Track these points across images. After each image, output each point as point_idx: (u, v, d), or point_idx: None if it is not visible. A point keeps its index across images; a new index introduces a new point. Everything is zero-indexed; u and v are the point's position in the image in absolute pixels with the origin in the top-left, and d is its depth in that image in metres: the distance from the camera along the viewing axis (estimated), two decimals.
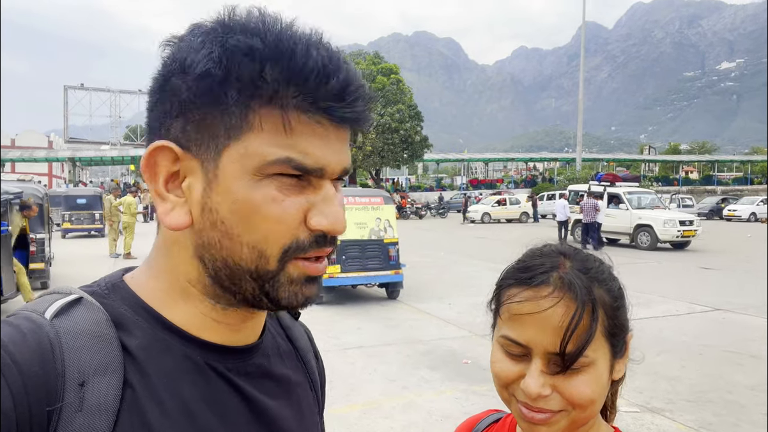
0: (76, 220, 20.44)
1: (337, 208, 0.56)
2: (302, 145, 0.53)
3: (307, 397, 0.71)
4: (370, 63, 39.43)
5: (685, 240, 16.90)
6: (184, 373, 0.56)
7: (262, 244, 0.54)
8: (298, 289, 0.56)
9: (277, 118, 0.52)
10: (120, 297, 0.58)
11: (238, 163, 0.53)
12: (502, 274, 0.81)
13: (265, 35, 0.52)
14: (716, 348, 6.34)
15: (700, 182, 59.13)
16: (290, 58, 0.51)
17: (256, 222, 0.53)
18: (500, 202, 31.68)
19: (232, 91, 0.52)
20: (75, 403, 0.49)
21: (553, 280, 0.73)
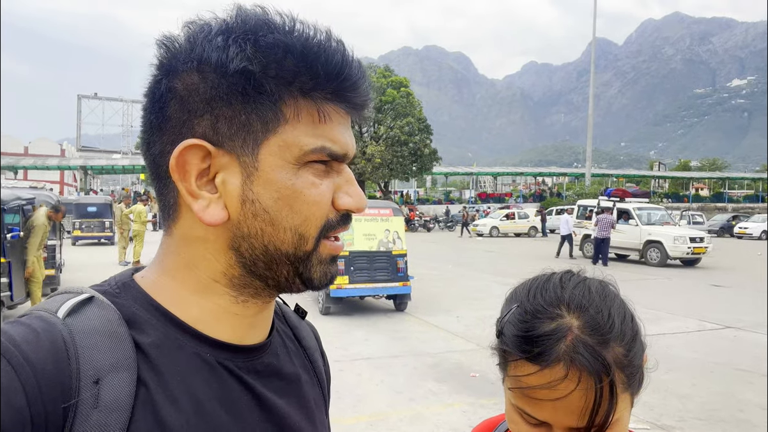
0: (87, 227, 20.60)
1: (358, 188, 0.61)
2: (331, 134, 0.58)
3: (315, 395, 0.72)
4: (381, 76, 39.65)
5: (696, 257, 16.76)
6: (196, 371, 0.57)
7: (302, 227, 0.57)
8: (326, 268, 0.61)
9: (312, 110, 0.56)
10: (131, 296, 0.59)
11: (277, 155, 0.56)
12: (505, 327, 0.76)
13: (291, 32, 0.55)
14: (727, 366, 6.26)
15: (710, 199, 58.69)
16: (320, 54, 0.55)
17: (299, 207, 0.57)
18: (509, 216, 31.62)
19: (269, 87, 0.55)
20: (90, 400, 0.49)
21: (563, 355, 0.69)
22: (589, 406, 0.67)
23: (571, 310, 0.72)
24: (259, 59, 0.54)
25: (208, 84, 0.55)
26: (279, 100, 0.55)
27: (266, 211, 0.57)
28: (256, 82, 0.54)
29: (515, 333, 0.74)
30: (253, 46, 0.54)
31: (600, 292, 0.75)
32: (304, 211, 0.57)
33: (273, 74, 0.54)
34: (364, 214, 8.58)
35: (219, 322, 0.60)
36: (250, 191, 0.56)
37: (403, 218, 9.40)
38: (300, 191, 0.57)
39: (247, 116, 0.55)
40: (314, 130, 0.57)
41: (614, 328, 0.71)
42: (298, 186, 0.57)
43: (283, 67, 0.55)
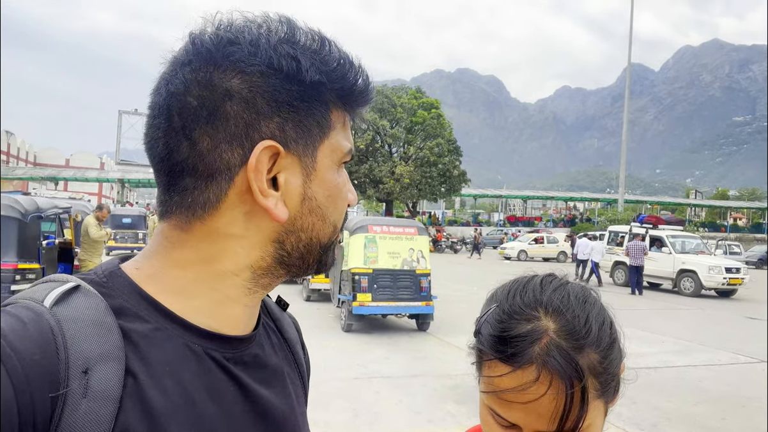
0: (121, 238, 21.09)
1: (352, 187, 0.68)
2: (350, 137, 0.66)
3: (297, 387, 0.73)
4: (412, 97, 39.97)
5: (731, 288, 16.22)
6: (184, 361, 0.57)
7: (338, 220, 0.66)
8: (332, 254, 0.68)
9: (344, 117, 0.65)
10: (118, 285, 0.58)
11: (328, 157, 0.63)
12: (482, 326, 0.76)
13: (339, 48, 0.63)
14: (760, 401, 6.00)
15: (749, 230, 56.96)
16: (358, 71, 0.64)
17: (339, 202, 0.65)
18: (537, 240, 31.20)
19: (328, 96, 0.62)
20: (79, 389, 0.49)
21: (536, 357, 0.68)
22: (559, 411, 0.67)
23: (548, 312, 0.71)
24: (325, 72, 0.60)
25: (277, 88, 0.58)
26: (331, 107, 0.62)
27: (320, 207, 0.62)
28: (322, 92, 0.61)
29: (491, 333, 0.73)
30: (321, 59, 0.60)
31: (580, 297, 0.74)
32: (341, 206, 0.65)
33: (336, 86, 0.62)
34: (389, 232, 8.61)
35: (218, 313, 0.61)
36: (309, 189, 0.62)
37: (428, 238, 9.39)
38: (341, 189, 0.65)
39: (309, 121, 0.60)
40: (346, 135, 0.65)
41: (591, 334, 0.70)
42: (340, 184, 0.65)
43: (342, 80, 0.62)
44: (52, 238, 7.44)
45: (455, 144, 39.70)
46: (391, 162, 38.31)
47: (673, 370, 7.18)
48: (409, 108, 38.81)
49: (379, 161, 38.22)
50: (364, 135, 37.72)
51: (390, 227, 8.75)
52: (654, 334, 9.19)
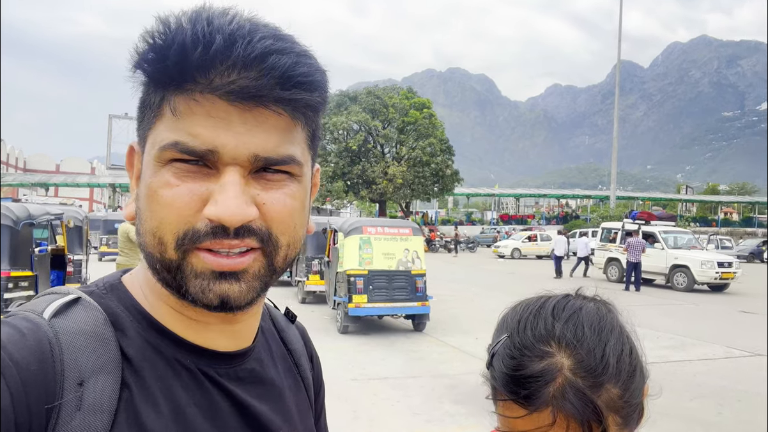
0: (113, 243, 20.96)
1: (229, 195, 0.51)
2: (191, 128, 0.51)
3: (300, 401, 0.71)
4: (404, 97, 40.02)
5: (724, 282, 16.32)
6: (176, 377, 0.56)
7: (159, 231, 0.53)
8: (206, 285, 0.53)
9: (167, 103, 0.52)
10: (117, 297, 0.58)
11: (148, 153, 0.54)
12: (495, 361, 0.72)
13: (165, 22, 0.51)
14: (755, 394, 6.05)
15: (739, 224, 57.37)
16: (163, 39, 0.50)
17: (154, 208, 0.53)
18: (531, 238, 31.31)
19: (144, 85, 0.54)
20: (74, 401, 0.49)
21: (551, 399, 0.65)
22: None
23: (561, 347, 0.67)
24: (135, 58, 0.52)
25: (141, 90, 0.55)
26: (154, 96, 0.53)
27: (140, 209, 0.55)
28: (147, 80, 0.53)
29: (503, 370, 0.70)
30: (145, 42, 0.52)
31: (596, 324, 0.69)
32: (159, 214, 0.52)
33: (145, 70, 0.52)
34: (383, 233, 8.61)
35: (186, 327, 0.59)
36: (138, 188, 0.56)
37: (423, 238, 9.40)
38: (155, 191, 0.52)
39: (144, 115, 0.55)
40: (173, 125, 0.51)
41: (609, 369, 0.66)
42: (154, 185, 0.52)
43: (145, 63, 0.52)
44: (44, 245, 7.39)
45: (447, 143, 39.79)
46: (383, 162, 38.35)
47: (669, 365, 7.21)
48: (400, 108, 38.86)
49: (372, 162, 38.23)
50: (356, 136, 37.77)
51: (384, 228, 8.75)
52: (648, 330, 9.22)
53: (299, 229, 0.58)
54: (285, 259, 0.57)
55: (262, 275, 0.55)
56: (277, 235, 0.55)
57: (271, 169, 0.54)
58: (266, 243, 0.54)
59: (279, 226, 0.54)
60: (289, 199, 0.55)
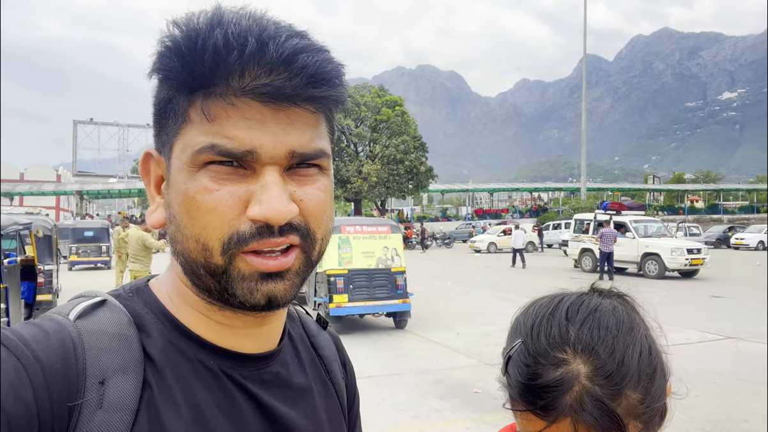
0: (83, 252, 20.47)
1: (273, 194, 0.52)
2: (227, 130, 0.51)
3: (331, 407, 0.69)
4: (375, 96, 39.99)
5: (694, 268, 16.77)
6: (198, 378, 0.57)
7: (203, 237, 0.53)
8: (253, 286, 0.54)
9: (203, 106, 0.52)
10: (142, 300, 0.59)
11: (179, 158, 0.54)
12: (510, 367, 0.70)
13: (187, 26, 0.51)
14: (730, 376, 6.24)
15: (705, 211, 58.98)
16: (194, 44, 0.50)
17: (195, 214, 0.53)
18: (506, 232, 31.63)
19: (167, 91, 0.54)
20: (95, 400, 0.50)
21: (569, 409, 0.63)
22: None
23: (578, 353, 0.65)
24: (156, 62, 0.53)
25: (154, 92, 0.56)
26: (181, 101, 0.53)
27: (175, 217, 0.55)
28: (161, 85, 0.54)
29: (519, 379, 0.68)
30: (157, 51, 0.52)
31: (612, 325, 0.67)
32: (200, 220, 0.52)
33: (169, 77, 0.53)
34: (362, 232, 8.59)
35: (212, 330, 0.59)
36: (168, 196, 0.56)
37: (401, 235, 9.41)
38: (192, 197, 0.52)
39: (167, 122, 0.55)
40: (206, 129, 0.52)
41: (628, 374, 0.63)
42: (191, 191, 0.52)
43: (170, 69, 0.52)
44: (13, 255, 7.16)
45: (420, 140, 39.91)
46: (357, 161, 38.28)
47: None
48: (372, 106, 38.84)
49: (346, 161, 38.14)
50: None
51: (363, 227, 8.74)
52: None
53: (330, 222, 0.59)
54: (319, 253, 0.58)
55: (302, 271, 0.56)
56: (315, 230, 0.56)
57: (304, 165, 0.55)
58: (305, 239, 0.55)
59: (315, 221, 0.55)
60: (321, 193, 0.56)
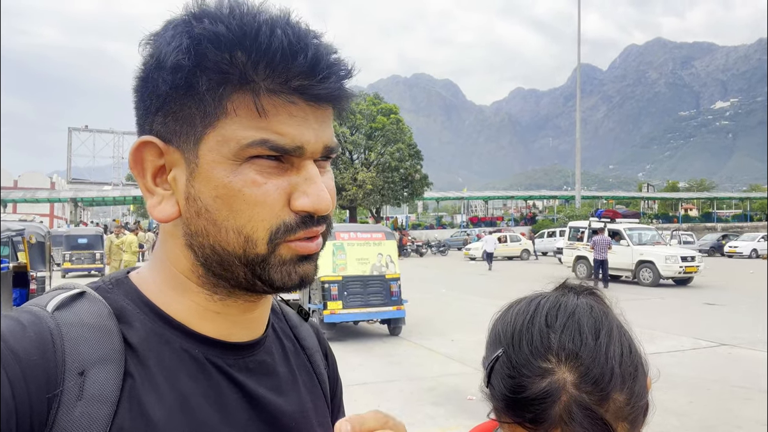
0: (77, 259, 20.37)
1: (319, 186, 0.55)
2: (277, 126, 0.53)
3: (315, 397, 0.70)
4: (370, 104, 40.08)
5: (688, 276, 16.82)
6: (183, 366, 0.57)
7: (247, 229, 0.54)
8: (291, 269, 0.56)
9: (250, 102, 0.52)
10: (123, 291, 0.59)
11: (215, 150, 0.53)
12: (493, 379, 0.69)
13: (230, 20, 0.52)
14: (724, 383, 6.25)
15: (699, 219, 59.18)
16: (254, 40, 0.52)
17: (239, 207, 0.54)
18: (500, 240, 31.67)
19: (203, 80, 0.52)
20: (74, 391, 0.49)
21: (558, 420, 0.63)
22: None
23: (561, 360, 0.64)
24: (191, 52, 0.52)
25: (160, 80, 0.54)
26: (216, 92, 0.53)
27: (207, 210, 0.55)
28: (192, 76, 0.52)
29: (504, 392, 0.67)
30: (188, 38, 0.52)
31: (592, 327, 0.67)
32: (246, 212, 0.54)
33: (205, 66, 0.52)
34: (357, 239, 8.58)
35: (202, 319, 0.60)
36: (192, 188, 0.55)
37: (396, 242, 9.41)
38: (239, 190, 0.53)
39: (190, 111, 0.54)
40: (255, 123, 0.53)
41: (613, 376, 0.63)
42: (237, 184, 0.53)
43: (214, 58, 0.52)
44: (5, 262, 7.12)
45: (415, 148, 39.98)
46: (352, 169, 38.30)
47: None
48: (368, 114, 38.91)
49: (341, 168, 38.14)
50: None
51: (357, 233, 8.73)
52: None
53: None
54: (327, 238, 0.61)
55: (320, 253, 0.60)
56: (331, 217, 0.60)
57: (323, 157, 0.58)
58: (328, 225, 0.59)
59: (330, 209, 0.58)
60: (332, 182, 0.60)
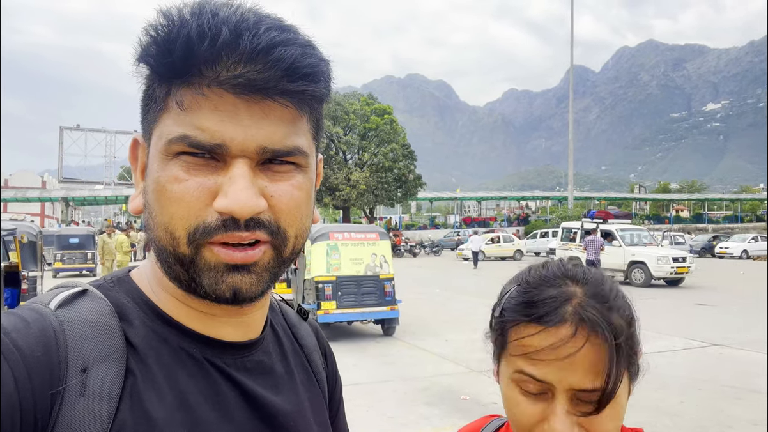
0: (68, 259, 20.23)
1: (239, 187, 0.51)
2: (199, 121, 0.51)
3: (313, 395, 0.70)
4: (364, 104, 40.09)
5: (679, 277, 16.94)
6: (182, 366, 0.56)
7: (170, 226, 0.53)
8: (219, 277, 0.53)
9: (173, 96, 0.52)
10: (124, 289, 0.59)
11: (154, 146, 0.54)
12: (504, 303, 0.74)
13: (168, 15, 0.51)
14: (715, 383, 6.29)
15: (690, 220, 59.58)
16: (166, 32, 0.50)
17: (164, 203, 0.53)
18: (494, 240, 31.75)
19: (155, 79, 0.53)
20: (77, 388, 0.50)
21: (570, 315, 0.67)
22: (598, 366, 0.65)
23: (573, 281, 0.71)
24: (139, 52, 0.52)
25: (145, 80, 0.55)
26: (159, 90, 0.53)
27: (148, 204, 0.55)
28: (149, 77, 0.54)
29: (518, 301, 0.72)
30: (147, 35, 0.52)
31: (598, 274, 0.75)
32: (168, 209, 0.53)
33: (149, 65, 0.53)
34: (351, 239, 8.58)
35: (193, 318, 0.59)
36: (145, 182, 0.56)
37: (390, 242, 9.42)
38: (163, 185, 0.53)
39: (149, 109, 0.55)
40: (181, 119, 0.51)
41: (617, 300, 0.70)
42: (162, 179, 0.53)
43: (150, 57, 0.52)
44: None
45: (409, 149, 40.02)
46: (346, 169, 38.29)
47: None
48: (361, 114, 38.92)
49: (335, 168, 38.11)
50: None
51: (351, 233, 8.73)
52: None
53: (306, 221, 0.58)
54: (293, 251, 0.57)
55: (272, 267, 0.56)
56: (286, 228, 0.55)
57: (277, 161, 0.54)
58: (275, 235, 0.54)
59: (287, 218, 0.55)
60: (296, 190, 0.55)
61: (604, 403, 0.65)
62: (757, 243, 32.39)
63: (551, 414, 0.66)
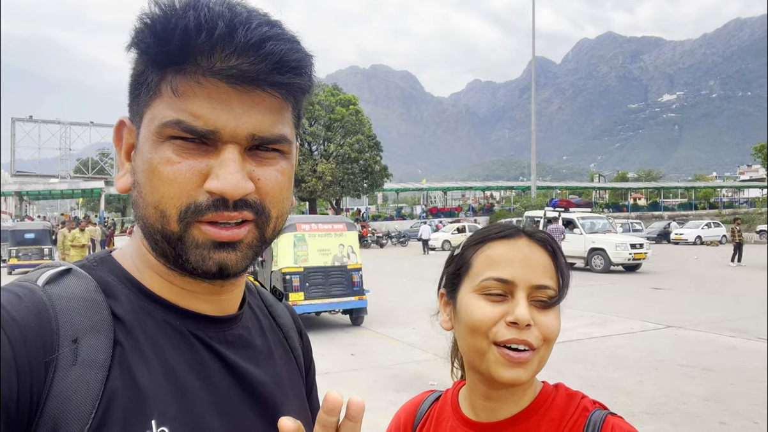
0: (24, 255, 19.54)
1: (230, 170, 0.55)
2: (194, 108, 0.54)
3: (290, 369, 0.74)
4: (329, 94, 39.82)
5: (637, 262, 17.52)
6: (167, 338, 0.59)
7: (161, 205, 0.56)
8: (206, 254, 0.57)
9: (169, 83, 0.55)
10: (107, 268, 0.62)
11: (146, 127, 0.57)
12: (464, 243, 0.90)
13: (165, 6, 0.54)
14: (670, 362, 6.58)
15: (647, 208, 61.47)
16: (164, 22, 0.53)
17: (155, 183, 0.56)
18: (460, 230, 32.14)
19: (148, 65, 0.56)
20: (69, 356, 0.52)
21: (524, 232, 0.85)
22: (548, 269, 0.82)
23: (523, 228, 0.87)
24: (134, 39, 0.56)
25: (132, 67, 0.59)
26: (155, 75, 0.56)
27: (138, 183, 0.58)
28: (137, 61, 0.57)
29: (480, 233, 0.89)
30: (141, 22, 0.55)
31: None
32: (160, 189, 0.56)
33: (144, 52, 0.56)
34: (318, 230, 8.57)
35: (175, 294, 0.62)
36: (134, 162, 0.59)
37: (357, 233, 9.45)
38: (155, 167, 0.56)
39: (140, 92, 0.58)
40: (175, 104, 0.55)
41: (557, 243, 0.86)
42: (155, 161, 0.56)
43: (144, 44, 0.55)
44: None
45: (375, 139, 40.00)
46: (312, 160, 38.04)
47: (593, 341, 7.69)
48: (327, 105, 38.66)
49: (300, 160, 37.78)
50: None
51: (318, 224, 8.72)
52: (572, 310, 9.77)
53: (286, 203, 0.62)
54: (274, 230, 0.62)
55: (255, 245, 0.60)
56: (269, 208, 0.59)
57: (264, 148, 0.58)
58: (260, 215, 0.59)
59: (271, 200, 0.59)
60: (279, 175, 0.60)
61: (556, 301, 0.81)
62: (710, 229, 33.74)
63: (515, 306, 0.79)
